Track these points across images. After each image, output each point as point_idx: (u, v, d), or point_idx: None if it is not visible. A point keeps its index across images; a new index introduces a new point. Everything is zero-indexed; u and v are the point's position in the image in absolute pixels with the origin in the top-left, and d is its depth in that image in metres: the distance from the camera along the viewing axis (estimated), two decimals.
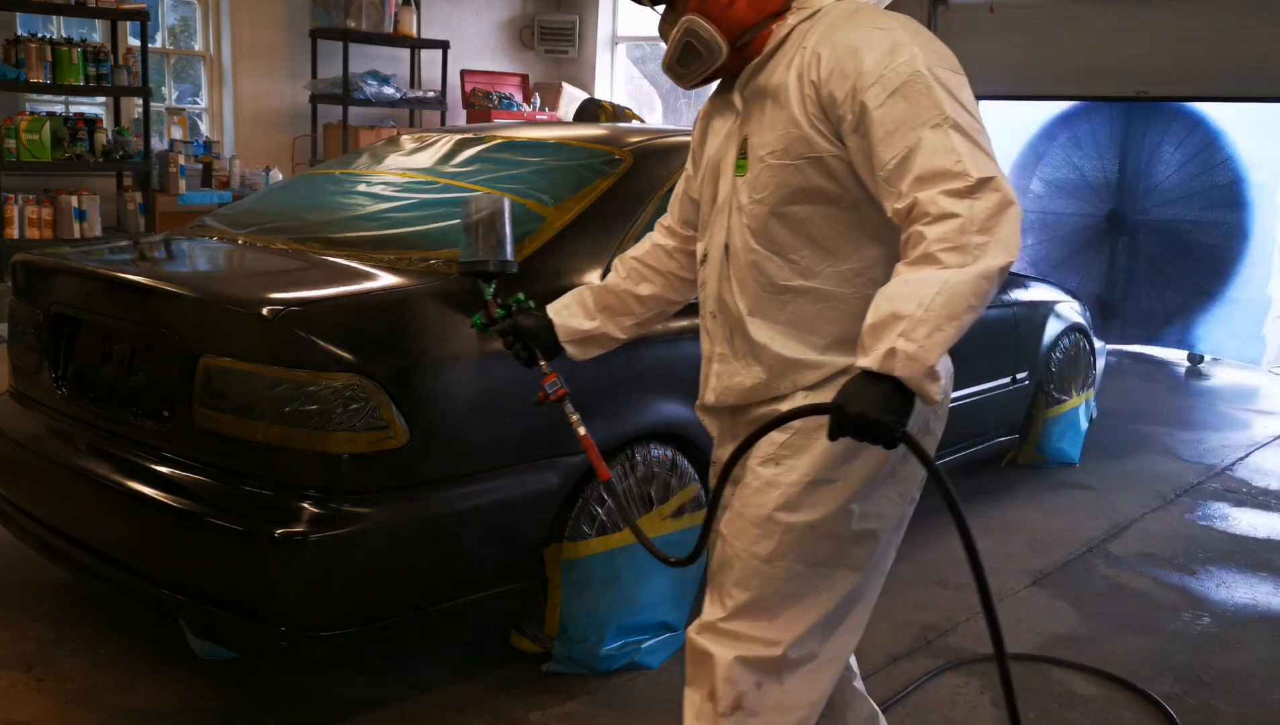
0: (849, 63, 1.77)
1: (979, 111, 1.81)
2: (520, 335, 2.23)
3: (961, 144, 1.70)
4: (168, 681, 2.88)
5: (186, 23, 9.23)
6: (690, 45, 1.93)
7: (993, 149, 1.76)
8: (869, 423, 1.64)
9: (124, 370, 2.86)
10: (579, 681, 2.95)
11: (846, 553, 1.95)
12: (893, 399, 1.63)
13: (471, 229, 2.33)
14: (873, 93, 1.74)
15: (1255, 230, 7.71)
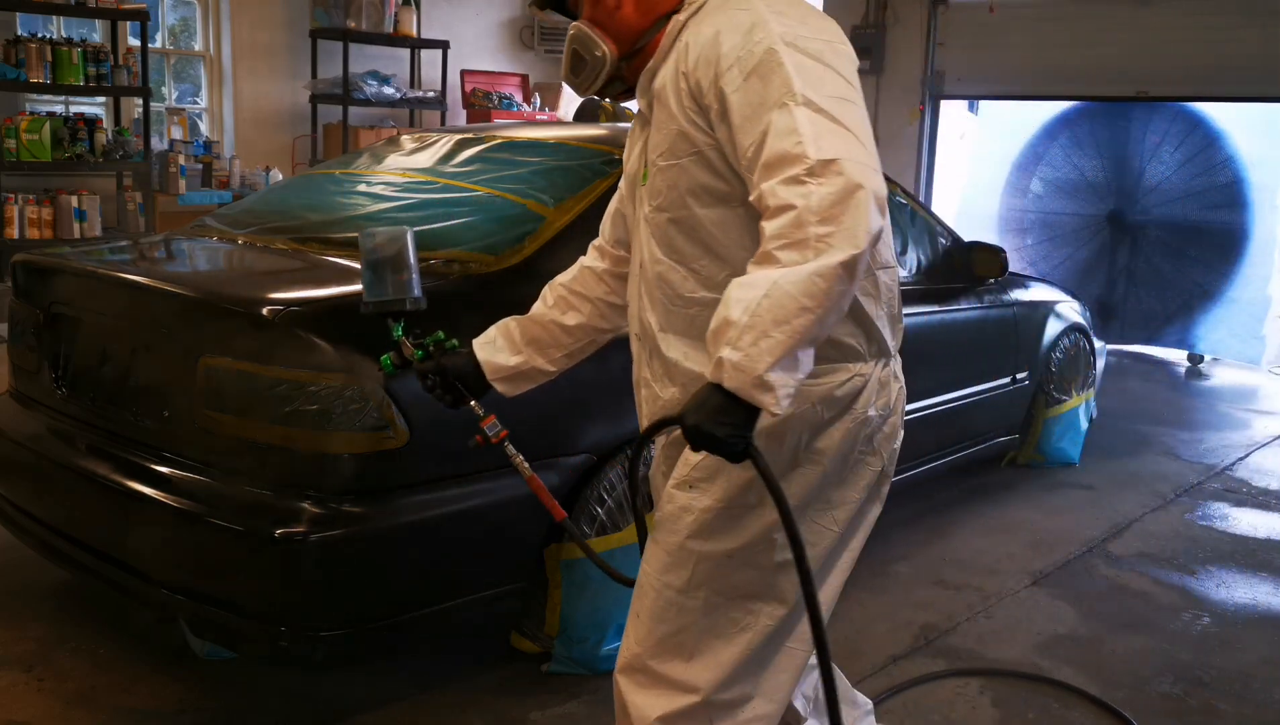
0: (710, 49, 1.67)
1: (852, 84, 1.66)
2: (445, 376, 2.06)
3: (806, 123, 1.54)
4: (168, 681, 2.88)
5: (186, 23, 9.22)
6: (576, 53, 1.88)
7: (858, 124, 1.60)
8: (704, 435, 1.52)
9: (124, 370, 2.86)
10: (579, 681, 2.95)
11: (771, 584, 1.81)
12: (727, 411, 1.50)
13: (376, 266, 2.16)
14: (730, 77, 1.64)
15: (1255, 230, 7.71)
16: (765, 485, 1.58)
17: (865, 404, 1.82)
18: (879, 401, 1.84)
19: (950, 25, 8.99)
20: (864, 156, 1.56)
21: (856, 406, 1.81)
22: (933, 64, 9.06)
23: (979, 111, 9.70)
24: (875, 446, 1.87)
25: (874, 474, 1.88)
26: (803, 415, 1.76)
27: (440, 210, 3.13)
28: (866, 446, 1.85)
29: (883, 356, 1.86)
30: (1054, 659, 3.26)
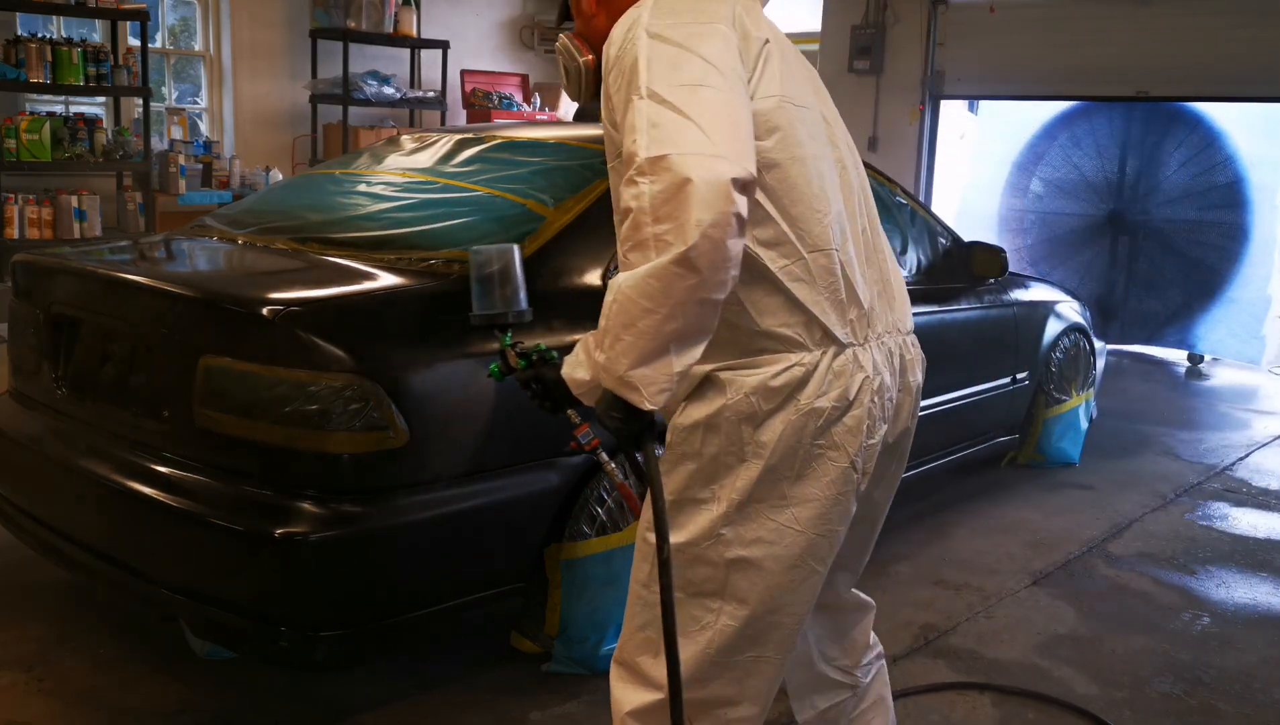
0: (609, 50, 1.70)
1: (714, 65, 1.59)
2: (543, 385, 1.99)
3: (644, 118, 1.53)
4: (168, 681, 2.88)
5: (186, 23, 9.23)
6: (564, 65, 1.94)
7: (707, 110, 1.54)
8: (604, 428, 1.63)
9: (124, 370, 2.86)
10: (579, 681, 2.95)
11: (726, 582, 1.76)
12: (612, 405, 1.59)
13: (484, 281, 2.26)
14: (612, 79, 1.66)
15: (1255, 230, 7.71)
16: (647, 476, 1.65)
17: (812, 395, 1.73)
18: (832, 392, 1.74)
19: (950, 25, 8.99)
20: (700, 145, 1.51)
21: (800, 397, 1.73)
22: (933, 64, 9.05)
23: (979, 111, 9.69)
24: (835, 440, 1.76)
25: (840, 470, 1.77)
26: (736, 406, 1.73)
27: (440, 210, 3.13)
28: (822, 439, 1.75)
29: (831, 345, 1.76)
30: (1054, 659, 3.26)
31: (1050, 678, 3.15)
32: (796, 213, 1.74)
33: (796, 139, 1.74)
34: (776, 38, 1.80)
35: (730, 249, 1.52)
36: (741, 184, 1.52)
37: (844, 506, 1.81)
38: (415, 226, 3.03)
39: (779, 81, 1.73)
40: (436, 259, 2.82)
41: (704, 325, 1.58)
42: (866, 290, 1.83)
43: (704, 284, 1.52)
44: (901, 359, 1.91)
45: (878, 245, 1.93)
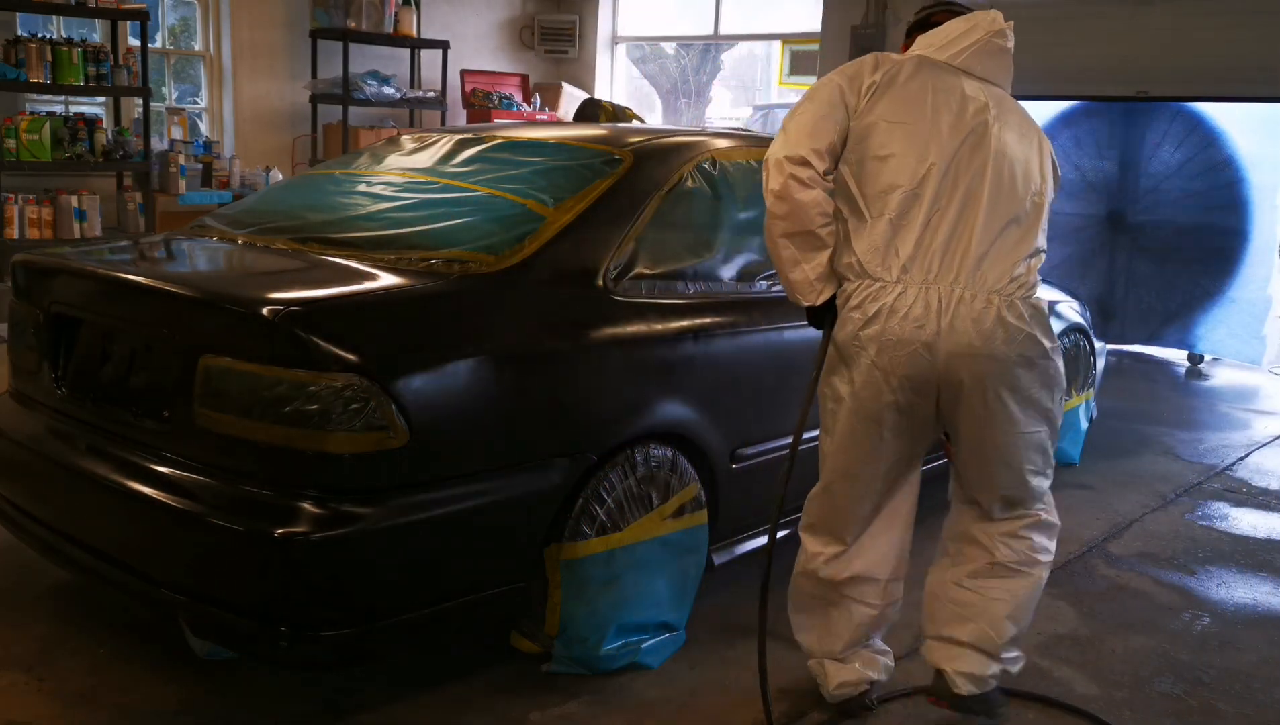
0: None
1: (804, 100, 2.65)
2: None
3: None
4: (168, 681, 2.88)
5: (186, 23, 9.23)
6: None
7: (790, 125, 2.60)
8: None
9: (124, 370, 2.86)
10: (579, 681, 2.95)
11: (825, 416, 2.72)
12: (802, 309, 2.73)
13: None
14: None
15: (1255, 230, 7.71)
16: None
17: (853, 308, 2.58)
18: (864, 308, 2.55)
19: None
20: (777, 143, 2.60)
21: (847, 309, 2.59)
22: None
23: None
24: (863, 341, 2.55)
25: (866, 363, 2.55)
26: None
27: (440, 210, 3.14)
28: (856, 339, 2.56)
29: (867, 278, 2.56)
30: (1054, 659, 3.26)
31: (1050, 678, 3.15)
32: (867, 191, 2.59)
33: (881, 144, 2.57)
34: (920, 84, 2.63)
35: (795, 197, 2.56)
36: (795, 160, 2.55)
37: (874, 390, 2.57)
38: (415, 226, 3.03)
39: (878, 108, 2.60)
40: (436, 259, 2.82)
41: (808, 247, 2.61)
42: (917, 251, 2.53)
43: (777, 226, 2.60)
44: (963, 306, 2.51)
45: (969, 229, 2.55)
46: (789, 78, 11.12)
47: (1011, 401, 2.56)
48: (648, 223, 3.17)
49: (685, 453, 3.13)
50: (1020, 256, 2.57)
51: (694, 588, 3.22)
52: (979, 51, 2.69)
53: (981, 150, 2.58)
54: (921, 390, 2.56)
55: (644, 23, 11.54)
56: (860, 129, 2.58)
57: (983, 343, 2.50)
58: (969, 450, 2.69)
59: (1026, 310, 2.55)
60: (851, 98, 2.60)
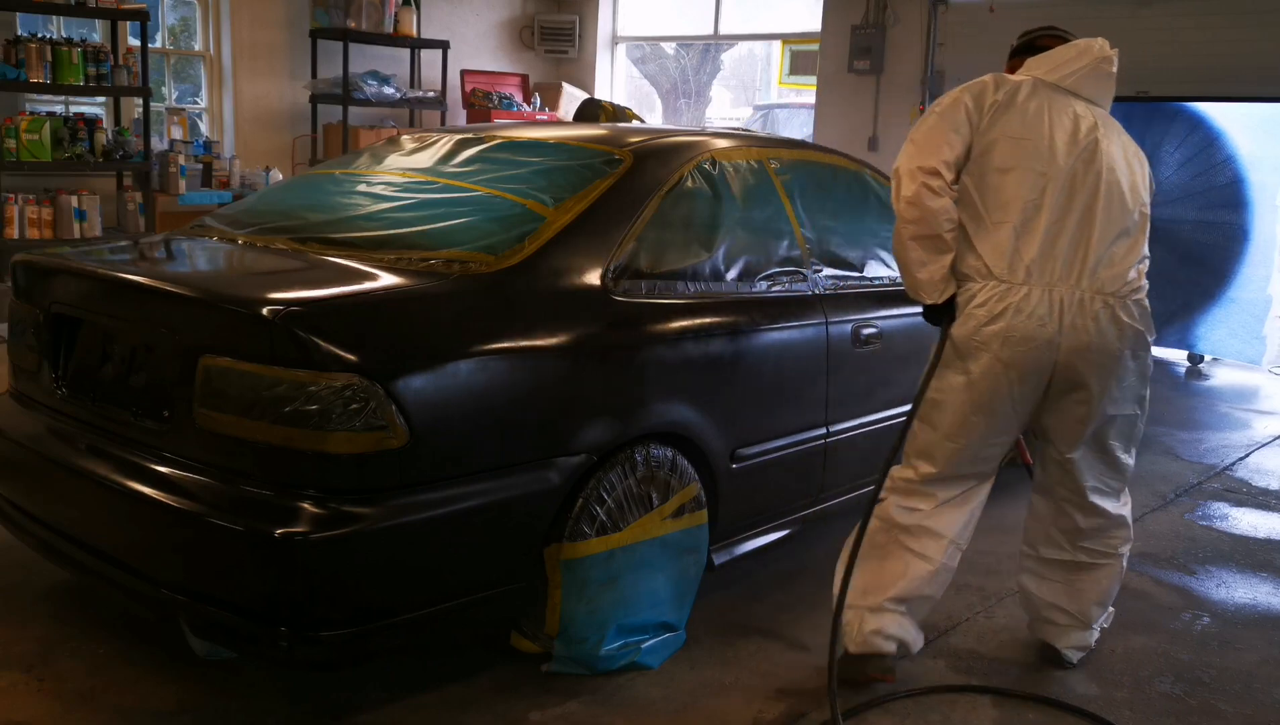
0: None
1: (930, 110, 2.95)
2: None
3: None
4: (168, 681, 2.88)
5: (186, 23, 9.23)
6: None
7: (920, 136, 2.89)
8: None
9: (124, 370, 2.86)
10: (579, 681, 2.95)
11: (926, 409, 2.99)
12: (921, 308, 3.00)
13: None
14: None
15: (1255, 230, 7.71)
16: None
17: (975, 307, 2.85)
18: (986, 307, 2.83)
19: (950, 25, 8.99)
20: (905, 153, 2.89)
21: (969, 308, 2.87)
22: (933, 64, 9.06)
23: None
24: (984, 338, 2.84)
25: (988, 357, 2.84)
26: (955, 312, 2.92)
27: (440, 210, 3.14)
28: (977, 336, 2.84)
29: (991, 279, 2.85)
30: (1054, 659, 3.26)
31: (1050, 678, 3.15)
32: (990, 201, 2.86)
33: (1003, 158, 2.85)
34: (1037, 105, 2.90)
35: (925, 204, 2.82)
36: (927, 170, 2.82)
37: (992, 382, 2.85)
38: (415, 226, 3.03)
39: (1001, 125, 2.87)
40: (436, 259, 2.82)
41: (935, 250, 2.86)
42: (1040, 256, 2.82)
43: (904, 229, 2.86)
44: (1080, 307, 2.82)
45: (1087, 238, 2.85)
46: (789, 78, 11.12)
47: (1116, 390, 2.91)
48: (648, 223, 3.17)
49: (685, 453, 3.13)
50: (1131, 263, 2.89)
51: (694, 588, 3.22)
52: (1088, 75, 2.97)
53: (1094, 166, 2.87)
54: (1035, 382, 2.87)
55: (644, 23, 11.54)
56: (983, 144, 2.87)
57: (1100, 339, 2.84)
58: (1069, 438, 2.98)
59: (1137, 310, 2.90)
60: (975, 115, 2.88)
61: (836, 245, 3.84)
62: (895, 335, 3.90)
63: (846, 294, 3.76)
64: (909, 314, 4.03)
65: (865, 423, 3.84)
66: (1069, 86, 2.96)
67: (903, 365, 4.02)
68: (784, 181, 3.71)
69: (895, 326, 3.90)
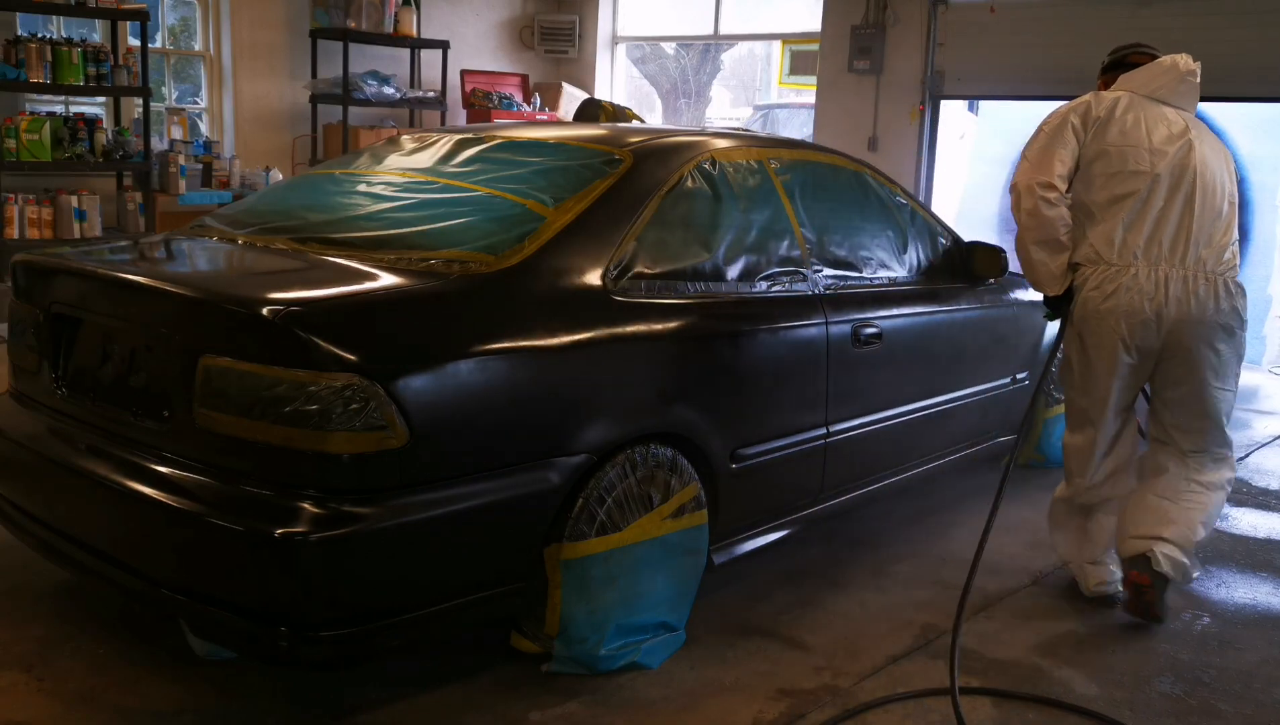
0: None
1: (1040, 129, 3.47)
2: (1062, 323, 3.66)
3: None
4: (168, 681, 2.88)
5: (186, 23, 9.23)
6: None
7: (1034, 154, 3.42)
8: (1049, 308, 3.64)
9: (124, 370, 2.86)
10: (579, 681, 2.95)
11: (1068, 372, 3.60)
12: (1043, 299, 3.62)
13: None
14: None
15: (1255, 230, 7.72)
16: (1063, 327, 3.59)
17: (1091, 287, 3.39)
18: (1103, 287, 3.36)
19: (950, 25, 8.99)
20: (1022, 170, 3.44)
21: (1086, 289, 3.41)
22: (933, 64, 9.05)
23: (979, 111, 9.69)
24: (1102, 313, 3.36)
25: (1106, 330, 3.37)
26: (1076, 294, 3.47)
27: (440, 210, 3.14)
28: (1097, 314, 3.37)
29: (1103, 263, 3.38)
30: (1054, 659, 3.26)
31: (1050, 678, 3.15)
32: (1100, 199, 3.40)
33: (1110, 163, 3.37)
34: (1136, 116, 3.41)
35: (1044, 214, 3.37)
36: (1043, 185, 3.37)
37: (1112, 351, 3.39)
38: (415, 226, 3.03)
39: (1105, 136, 3.39)
40: (436, 259, 2.82)
41: (1054, 251, 3.42)
42: (1146, 242, 3.34)
43: (1025, 234, 3.44)
44: (1184, 284, 3.33)
45: (1187, 225, 3.35)
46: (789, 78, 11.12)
47: (1214, 360, 3.40)
48: (648, 223, 3.17)
49: (685, 453, 3.13)
50: (1226, 244, 3.41)
51: (694, 588, 3.22)
52: (1176, 87, 3.47)
53: (1190, 164, 3.37)
54: (1147, 350, 3.39)
55: (644, 23, 11.54)
56: (1091, 153, 3.41)
57: (1199, 312, 3.33)
58: (1177, 399, 3.49)
59: (1234, 287, 3.42)
60: (1081, 131, 3.42)
61: (836, 245, 3.84)
62: (895, 335, 3.90)
63: (846, 294, 3.76)
64: (909, 314, 4.04)
65: (865, 423, 3.84)
66: (1159, 97, 3.47)
67: (903, 365, 4.02)
68: (784, 181, 3.71)
69: (895, 326, 3.90)
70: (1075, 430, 3.60)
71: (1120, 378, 3.43)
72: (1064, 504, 3.70)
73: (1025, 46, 8.59)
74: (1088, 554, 3.67)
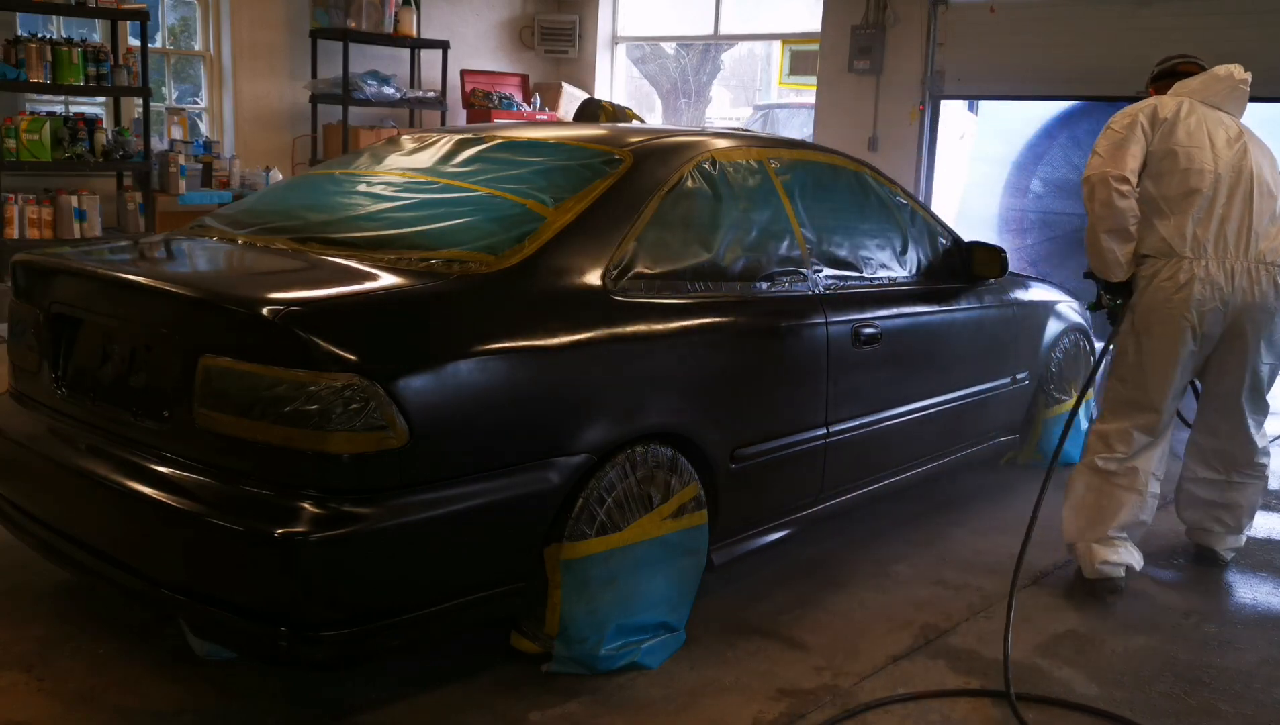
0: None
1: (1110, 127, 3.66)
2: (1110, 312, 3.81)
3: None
4: (168, 681, 2.88)
5: (186, 23, 9.23)
6: None
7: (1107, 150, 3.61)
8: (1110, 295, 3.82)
9: (124, 370, 2.86)
10: (579, 681, 2.95)
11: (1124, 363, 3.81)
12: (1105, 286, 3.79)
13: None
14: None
15: None
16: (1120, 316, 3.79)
17: (1162, 278, 3.62)
18: (1171, 280, 3.60)
19: (950, 25, 8.99)
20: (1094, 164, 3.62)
21: (1156, 280, 3.64)
22: (933, 64, 9.05)
23: (979, 111, 9.69)
24: (1174, 303, 3.60)
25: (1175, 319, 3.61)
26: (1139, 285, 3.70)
27: (440, 210, 3.14)
28: (1169, 304, 3.61)
29: (1175, 256, 3.60)
30: (1054, 659, 3.26)
31: (1050, 678, 3.15)
32: (1169, 195, 3.62)
33: (1176, 163, 3.60)
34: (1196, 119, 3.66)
35: (1116, 205, 3.56)
36: (1117, 178, 3.55)
37: (1179, 340, 3.64)
38: (415, 226, 3.04)
39: (1172, 137, 3.61)
40: (436, 259, 2.82)
41: (1123, 240, 3.62)
42: (1213, 237, 3.60)
43: (1099, 224, 3.61)
44: (1247, 275, 3.62)
45: (1247, 221, 3.64)
46: (789, 78, 11.12)
47: (1264, 341, 3.74)
48: (648, 223, 3.17)
49: (685, 453, 3.13)
50: (1276, 238, 3.71)
51: (694, 588, 3.22)
52: (1229, 94, 3.79)
53: (1246, 164, 3.67)
54: (1211, 337, 3.67)
55: (644, 23, 11.54)
56: (1158, 152, 3.63)
57: (1261, 298, 3.65)
58: (1230, 380, 3.83)
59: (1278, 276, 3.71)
60: (1149, 131, 3.64)
61: (836, 245, 3.83)
62: (895, 335, 3.90)
63: (846, 294, 3.76)
64: (909, 314, 4.04)
65: (865, 422, 3.84)
66: (1214, 103, 3.75)
67: (902, 365, 4.02)
68: (784, 181, 3.71)
69: (895, 326, 3.90)
70: (1120, 415, 3.78)
71: (1181, 363, 3.68)
72: (1084, 480, 3.85)
73: (1025, 46, 8.59)
74: (1097, 531, 3.77)
